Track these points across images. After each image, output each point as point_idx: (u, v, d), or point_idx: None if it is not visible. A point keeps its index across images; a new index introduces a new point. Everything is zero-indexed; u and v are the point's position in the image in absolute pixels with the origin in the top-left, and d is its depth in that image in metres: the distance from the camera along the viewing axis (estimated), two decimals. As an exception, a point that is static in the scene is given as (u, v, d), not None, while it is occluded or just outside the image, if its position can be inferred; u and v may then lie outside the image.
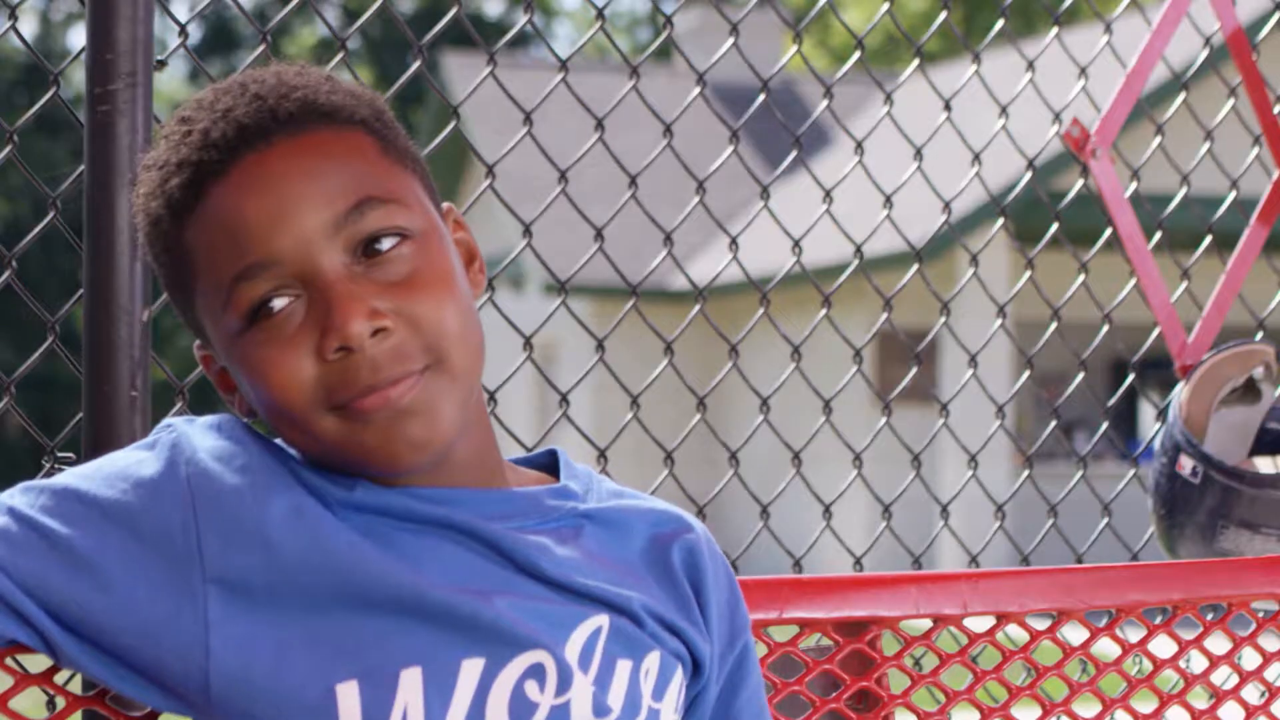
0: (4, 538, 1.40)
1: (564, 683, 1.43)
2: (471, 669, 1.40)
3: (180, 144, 1.45)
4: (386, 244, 1.43)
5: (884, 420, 2.91)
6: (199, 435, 1.46)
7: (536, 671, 1.42)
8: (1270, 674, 2.28)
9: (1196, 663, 2.28)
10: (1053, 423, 3.05)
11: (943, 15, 2.90)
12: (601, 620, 1.47)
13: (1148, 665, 2.22)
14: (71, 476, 1.44)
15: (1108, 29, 3.05)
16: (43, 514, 1.41)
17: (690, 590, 1.56)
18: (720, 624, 1.58)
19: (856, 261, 2.87)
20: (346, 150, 1.44)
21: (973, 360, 2.98)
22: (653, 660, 1.50)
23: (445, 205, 1.53)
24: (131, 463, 1.44)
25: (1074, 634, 2.11)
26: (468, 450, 1.48)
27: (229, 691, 1.40)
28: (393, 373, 1.41)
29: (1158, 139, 3.10)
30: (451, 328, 1.44)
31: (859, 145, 2.84)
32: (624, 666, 1.48)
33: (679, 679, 1.52)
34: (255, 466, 1.44)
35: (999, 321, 3.04)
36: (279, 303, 1.41)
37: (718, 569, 1.59)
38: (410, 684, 1.39)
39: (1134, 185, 2.96)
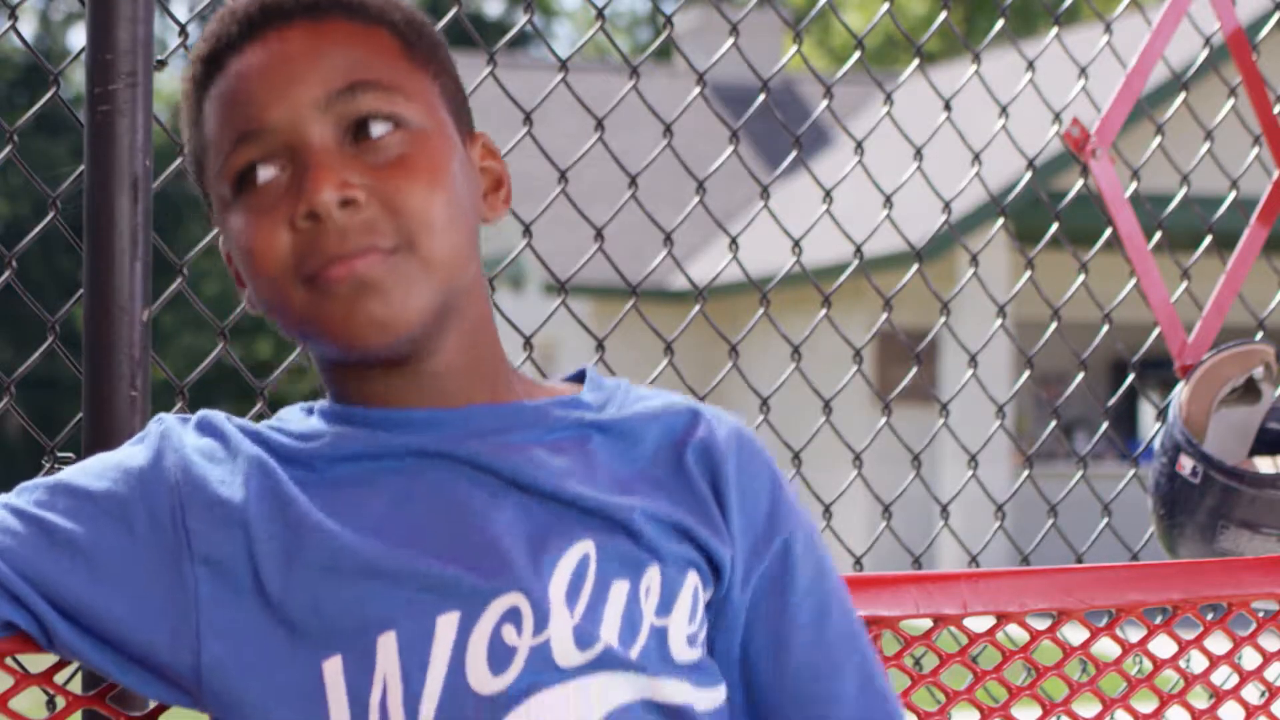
0: (2, 530, 1.43)
1: (541, 621, 1.41)
2: (447, 624, 1.40)
3: (214, 21, 1.50)
4: (378, 129, 1.45)
5: (884, 420, 2.91)
6: (184, 429, 1.48)
7: (513, 615, 1.41)
8: (1270, 674, 2.28)
9: (1196, 663, 2.27)
10: (1053, 423, 3.05)
11: (943, 15, 2.90)
12: (587, 546, 1.44)
13: (1148, 665, 2.22)
14: (66, 473, 1.47)
15: (1108, 29, 3.05)
16: (37, 508, 1.44)
17: (708, 489, 1.51)
18: (745, 522, 1.52)
19: (856, 261, 2.87)
20: (362, 41, 1.47)
21: (973, 360, 2.98)
22: (653, 576, 1.46)
23: (479, 132, 1.55)
24: (122, 456, 1.47)
25: (1074, 634, 2.11)
26: (458, 361, 1.48)
27: (220, 676, 1.41)
28: (358, 243, 1.42)
29: (1158, 139, 3.10)
30: (431, 217, 1.44)
31: (859, 145, 2.84)
32: (620, 588, 1.44)
33: (691, 589, 1.47)
34: (234, 455, 1.46)
35: (999, 321, 3.04)
36: (264, 172, 1.44)
37: (746, 464, 1.53)
38: (386, 650, 1.39)
39: (1134, 185, 2.96)
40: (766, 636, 1.52)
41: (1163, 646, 2.26)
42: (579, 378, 1.57)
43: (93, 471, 1.46)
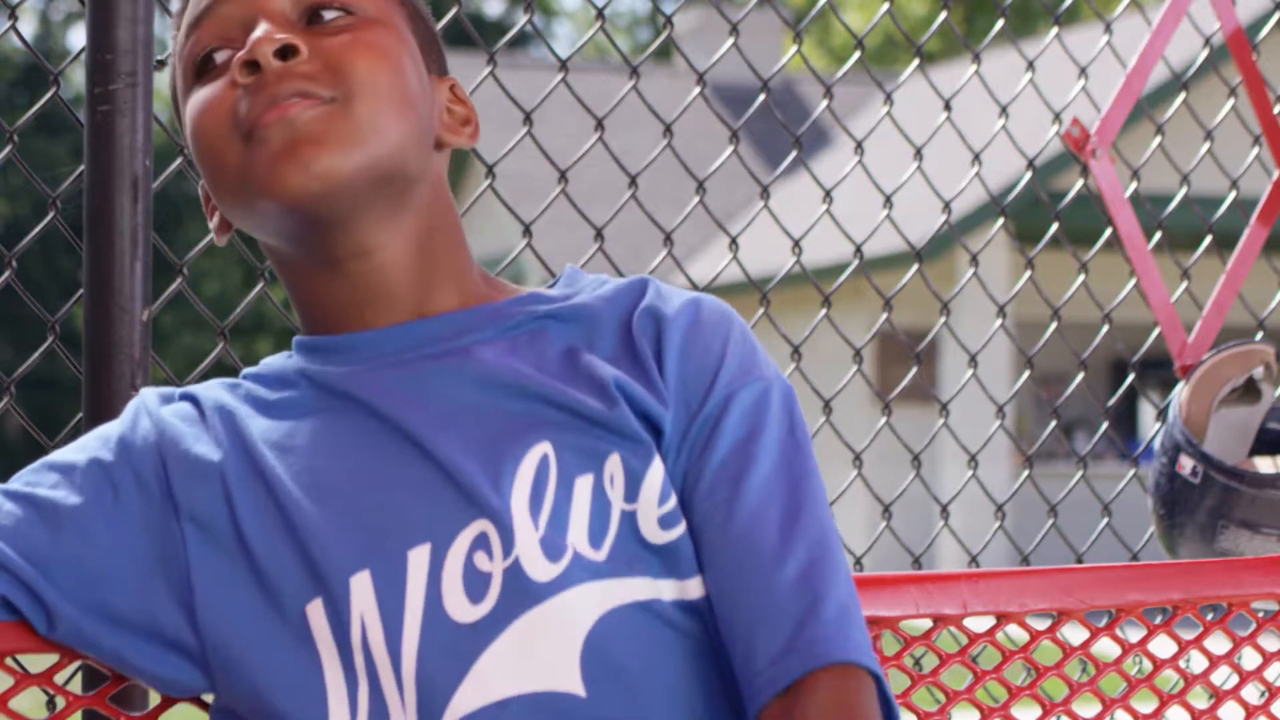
0: None
1: (507, 542, 1.39)
2: (419, 558, 1.39)
3: None
4: (330, 14, 1.46)
5: (884, 420, 2.91)
6: (157, 396, 1.50)
7: (482, 541, 1.39)
8: (1270, 674, 2.28)
9: (1196, 663, 2.27)
10: (1053, 423, 3.05)
11: (943, 15, 2.90)
12: (544, 447, 1.42)
13: (1148, 665, 2.22)
14: (50, 455, 1.49)
15: (1108, 29, 3.05)
16: (26, 487, 1.46)
17: (649, 350, 1.47)
18: (681, 384, 1.46)
19: (856, 261, 2.87)
20: None
21: (973, 360, 2.98)
22: (614, 463, 1.42)
23: (449, 78, 1.55)
24: (101, 429, 1.50)
25: (1074, 634, 2.11)
26: (407, 262, 1.47)
27: (216, 629, 1.42)
28: (296, 86, 1.42)
29: (1158, 139, 3.10)
30: (373, 83, 1.44)
31: (859, 145, 2.84)
32: (584, 483, 1.42)
33: (657, 470, 1.43)
34: (207, 413, 1.47)
35: (999, 321, 3.04)
36: (220, 55, 1.46)
37: (695, 326, 1.48)
38: (361, 590, 1.39)
39: (1134, 185, 2.96)
40: (690, 501, 1.44)
41: (1163, 646, 2.26)
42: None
43: (75, 447, 1.48)
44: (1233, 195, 3.17)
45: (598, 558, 1.40)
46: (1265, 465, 2.57)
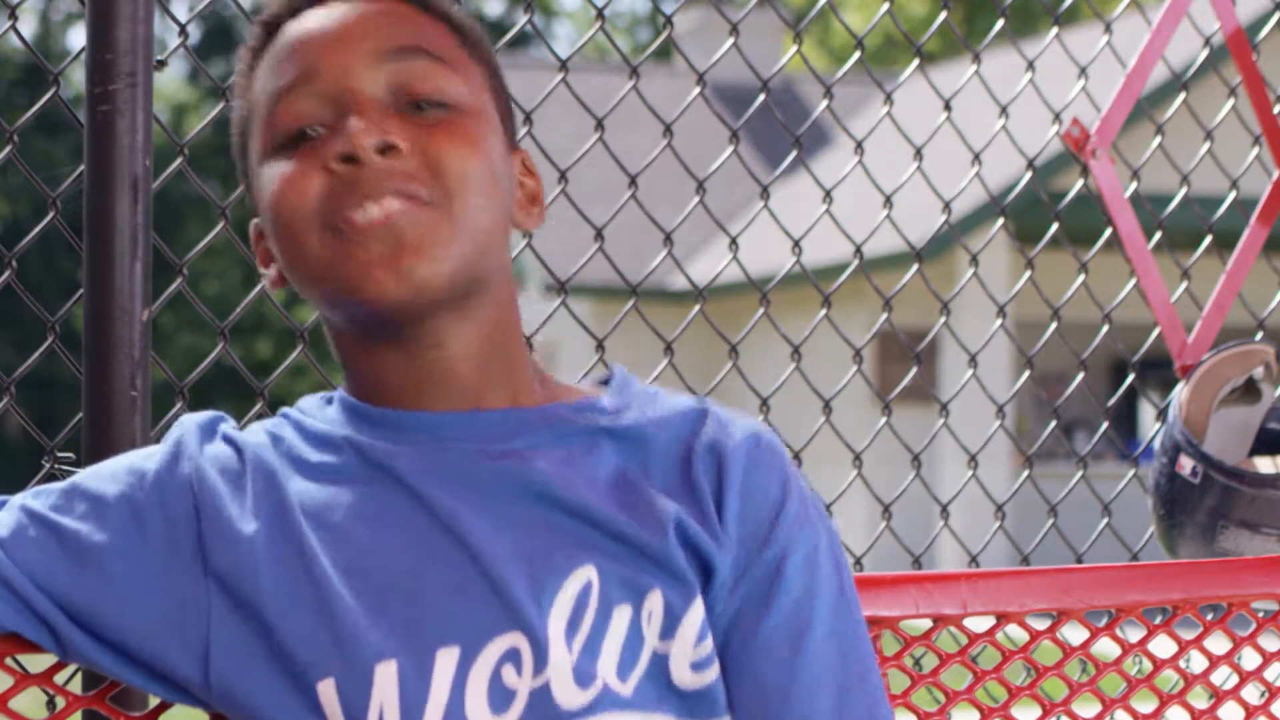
0: (15, 534, 1.42)
1: (540, 661, 1.39)
2: (447, 659, 1.38)
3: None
4: (426, 97, 1.44)
5: (884, 420, 2.91)
6: (201, 436, 1.47)
7: (512, 655, 1.39)
8: (1270, 674, 2.28)
9: (1196, 663, 2.27)
10: (1053, 423, 3.05)
11: (943, 15, 2.90)
12: (589, 572, 1.41)
13: (1148, 665, 2.22)
14: (81, 476, 1.46)
15: (1108, 29, 3.05)
16: (52, 512, 1.43)
17: (709, 488, 1.46)
18: (741, 528, 1.46)
19: (856, 261, 2.87)
20: (419, 20, 1.48)
21: (973, 360, 2.98)
22: (655, 600, 1.42)
23: (521, 150, 1.55)
24: (137, 460, 1.46)
25: (1074, 634, 2.11)
26: (473, 355, 1.46)
27: (228, 684, 1.41)
28: (396, 185, 1.41)
29: (1158, 139, 3.10)
30: (469, 181, 1.43)
31: (859, 145, 2.84)
32: (622, 614, 1.41)
33: (698, 611, 1.43)
34: (248, 469, 1.45)
35: (999, 321, 3.04)
36: (311, 131, 1.43)
37: (755, 467, 1.48)
38: (385, 679, 1.38)
39: (1134, 185, 2.96)
40: (739, 649, 1.46)
41: (1163, 646, 2.26)
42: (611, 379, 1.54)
43: (107, 475, 1.45)
44: (1233, 195, 3.17)
45: (624, 691, 1.41)
46: (1265, 465, 2.57)
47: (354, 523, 1.42)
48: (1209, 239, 3.17)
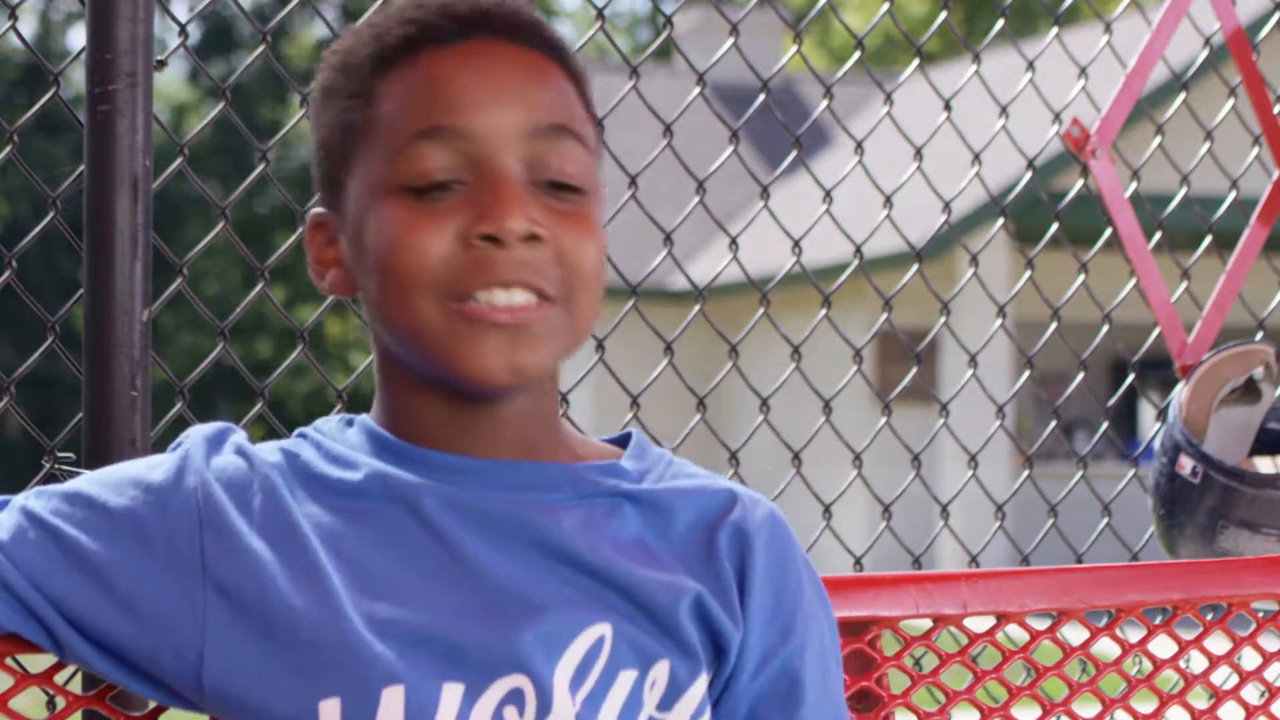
0: (16, 536, 1.42)
1: (543, 708, 1.39)
2: (452, 693, 1.38)
3: (413, 7, 1.45)
4: (566, 180, 1.43)
5: (884, 420, 2.91)
6: (209, 449, 1.45)
7: (515, 696, 1.39)
8: (1270, 674, 2.28)
9: (1196, 663, 2.27)
10: (1053, 423, 3.05)
11: (943, 15, 2.90)
12: (603, 629, 1.42)
13: (1148, 665, 2.22)
14: (85, 481, 1.45)
15: (1108, 29, 3.05)
16: (54, 516, 1.43)
17: (733, 572, 1.48)
18: (764, 615, 1.49)
19: (856, 261, 2.87)
20: (565, 88, 1.46)
21: (973, 360, 2.98)
22: (661, 670, 1.44)
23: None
24: (143, 470, 1.45)
25: (1074, 634, 2.11)
26: (525, 413, 1.46)
27: (220, 693, 1.41)
28: (528, 277, 1.39)
29: (1158, 139, 3.10)
30: (591, 279, 1.43)
31: (859, 145, 2.84)
32: (626, 678, 1.43)
33: (700, 687, 1.46)
34: (256, 484, 1.43)
35: (999, 321, 3.04)
36: (443, 174, 1.40)
37: (778, 556, 1.51)
38: (391, 705, 1.37)
39: (1134, 185, 2.96)
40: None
41: (1163, 646, 2.26)
42: (624, 440, 1.55)
43: (111, 484, 1.44)
44: (1233, 195, 3.17)
45: None
46: (1265, 465, 2.57)
47: (370, 549, 1.41)
48: (1209, 239, 3.17)
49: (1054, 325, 3.06)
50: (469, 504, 1.43)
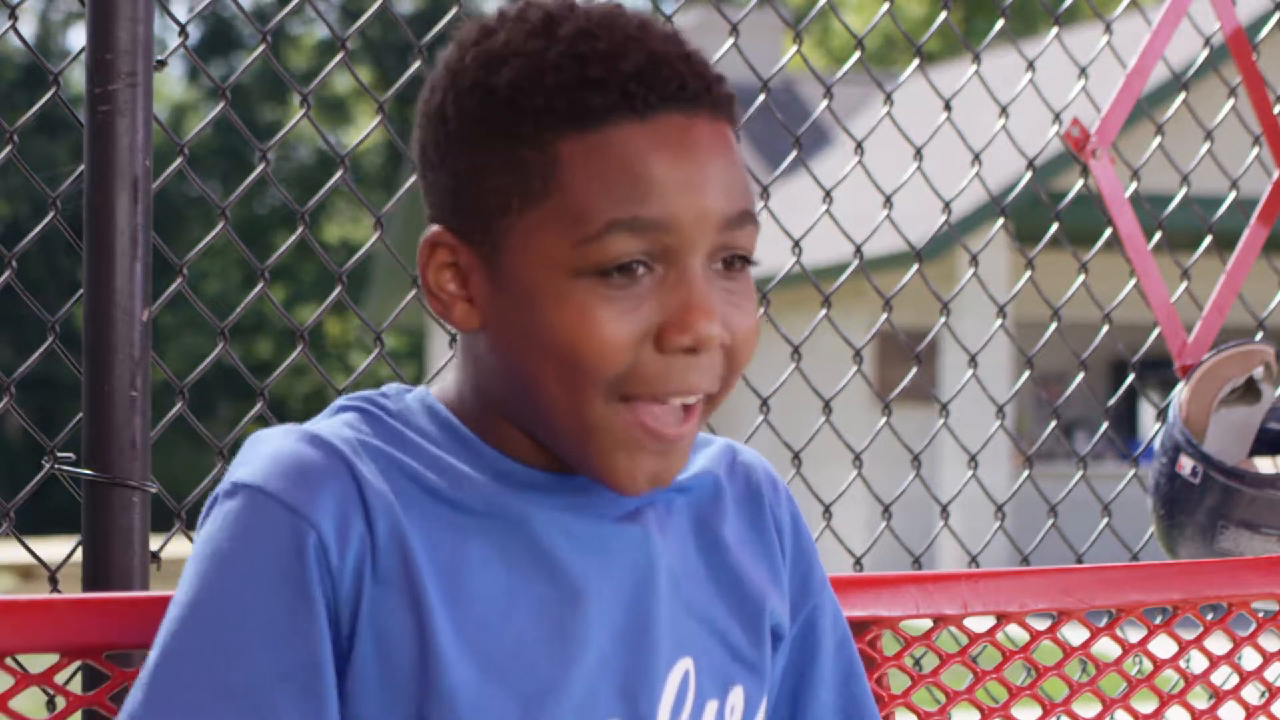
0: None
1: None
2: None
3: (598, 62, 1.34)
4: (742, 268, 1.38)
5: (884, 420, 2.91)
6: (334, 534, 1.32)
7: None
8: (1270, 674, 2.28)
9: (1196, 663, 2.28)
10: (1053, 423, 3.05)
11: (943, 15, 2.90)
12: (687, 664, 1.41)
13: (1148, 665, 2.22)
14: (262, 680, 1.30)
15: (1108, 29, 3.05)
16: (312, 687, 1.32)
17: (777, 546, 1.49)
18: (794, 579, 1.50)
19: (856, 261, 2.87)
20: (743, 163, 1.40)
21: (973, 360, 2.98)
22: (737, 696, 1.44)
23: None
24: (267, 608, 1.31)
25: (1074, 634, 2.11)
26: None
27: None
28: (700, 385, 1.34)
29: (1158, 139, 3.10)
30: (742, 365, 1.38)
31: (859, 145, 2.84)
32: (711, 709, 1.42)
33: (766, 702, 1.47)
34: (370, 513, 1.33)
35: (999, 321, 3.04)
36: (640, 270, 1.33)
37: (796, 516, 1.52)
38: None
39: (1134, 185, 2.96)
40: (792, 694, 1.51)
41: (1163, 646, 2.26)
42: None
43: (273, 657, 1.30)
44: (1233, 195, 3.17)
45: None
46: (1265, 465, 2.57)
47: (478, 586, 1.35)
48: (1209, 239, 3.17)
49: (1054, 325, 3.06)
50: (569, 524, 1.38)
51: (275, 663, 1.29)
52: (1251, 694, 2.26)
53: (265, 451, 1.35)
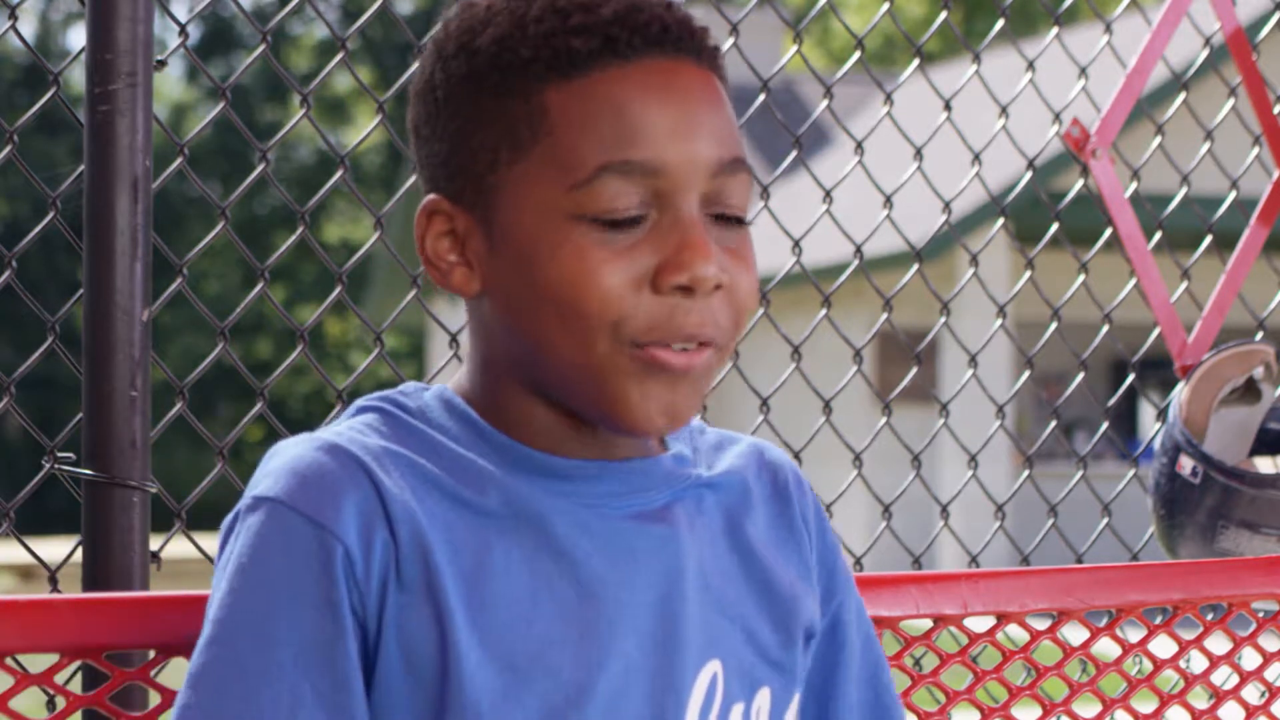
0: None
1: None
2: None
3: (580, 8, 1.35)
4: (735, 215, 1.37)
5: (884, 420, 2.91)
6: (357, 539, 1.31)
7: None
8: (1270, 674, 2.28)
9: (1196, 663, 2.28)
10: (1053, 423, 3.05)
11: (943, 15, 2.90)
12: (715, 666, 1.39)
13: (1148, 665, 2.22)
14: (308, 679, 1.30)
15: (1108, 29, 3.05)
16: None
17: (805, 538, 1.49)
18: (823, 573, 1.51)
19: (856, 261, 2.87)
20: (733, 114, 1.39)
21: (973, 360, 2.98)
22: (764, 698, 1.42)
23: None
24: (296, 626, 1.30)
25: (1074, 634, 2.11)
26: None
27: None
28: (708, 332, 1.34)
29: (1158, 139, 3.10)
30: (745, 317, 1.38)
31: (859, 145, 2.84)
32: (737, 711, 1.41)
33: (796, 704, 1.46)
34: (390, 518, 1.32)
35: (999, 321, 3.04)
36: (631, 210, 1.32)
37: (820, 510, 1.53)
38: None
39: (1134, 185, 2.96)
40: (820, 691, 1.51)
41: (1163, 646, 2.26)
42: None
43: (319, 652, 1.30)
44: (1233, 195, 3.17)
45: None
46: (1265, 465, 2.57)
47: (501, 587, 1.33)
48: (1209, 239, 3.17)
49: (1054, 325, 3.06)
50: (590, 522, 1.36)
51: (305, 680, 1.28)
52: (1251, 694, 2.26)
53: (284, 463, 1.33)
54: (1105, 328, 3.07)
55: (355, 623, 1.30)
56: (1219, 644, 2.24)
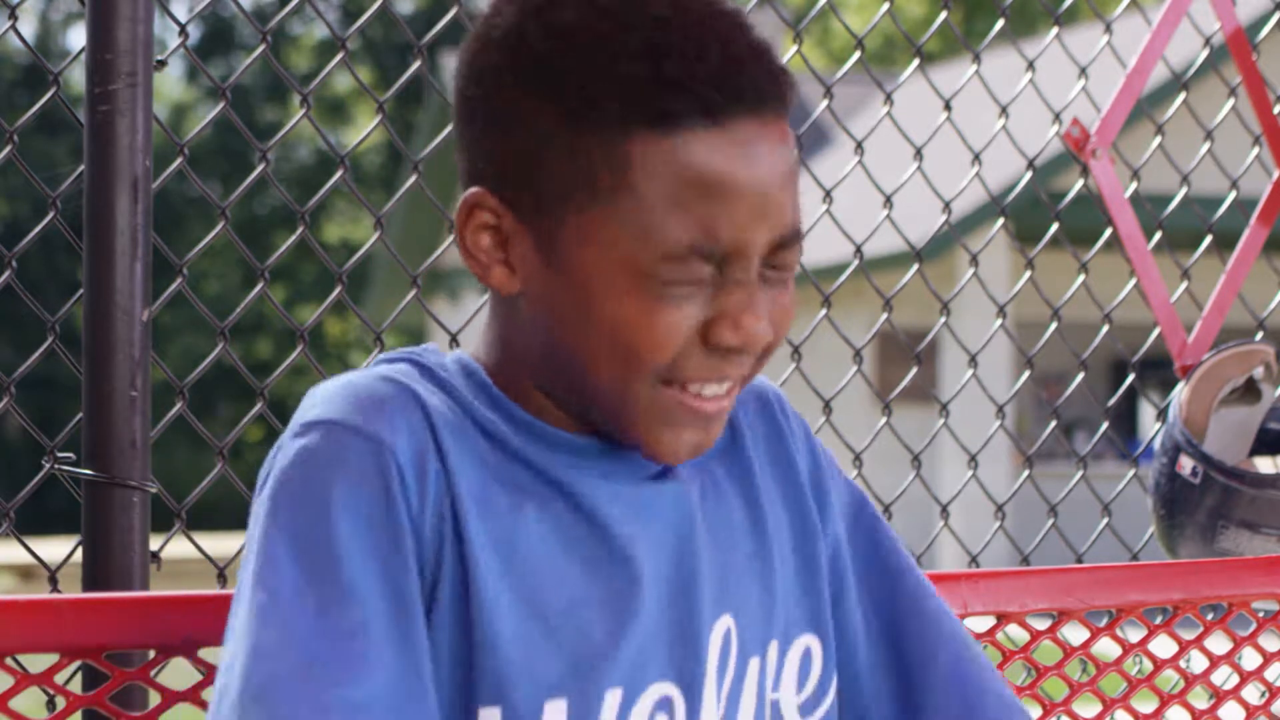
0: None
1: (693, 713, 1.37)
2: (612, 699, 1.34)
3: (677, 59, 1.31)
4: (787, 277, 1.38)
5: (884, 420, 2.91)
6: (388, 439, 1.30)
7: (664, 704, 1.37)
8: (1270, 674, 2.28)
9: (1196, 663, 2.28)
10: (1053, 423, 3.05)
11: (943, 15, 2.90)
12: (728, 622, 1.41)
13: (1148, 665, 2.22)
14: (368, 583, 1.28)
15: (1108, 29, 3.05)
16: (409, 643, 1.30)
17: (807, 478, 1.51)
18: (842, 504, 1.52)
19: (856, 261, 2.86)
20: (798, 174, 1.40)
21: (973, 360, 2.98)
22: (774, 650, 1.44)
23: None
24: (355, 544, 1.28)
25: (1074, 634, 2.11)
26: None
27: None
28: (742, 375, 1.37)
29: (1158, 139, 3.10)
30: (774, 351, 1.39)
31: (859, 145, 2.84)
32: (754, 666, 1.42)
33: (800, 652, 1.46)
34: (432, 472, 1.32)
35: (999, 321, 3.04)
36: (700, 266, 1.32)
37: (816, 440, 1.54)
38: (554, 717, 1.32)
39: (1134, 185, 2.96)
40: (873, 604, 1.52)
41: (1163, 646, 2.26)
42: None
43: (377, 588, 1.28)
44: (1233, 195, 3.17)
45: None
46: (1265, 465, 2.57)
47: (533, 544, 1.35)
48: (1209, 239, 3.17)
49: (1054, 325, 3.06)
50: (612, 487, 1.38)
51: (369, 599, 1.27)
52: (1251, 694, 2.26)
53: (336, 389, 1.33)
54: (1105, 328, 3.07)
55: (414, 540, 1.30)
56: (1219, 644, 2.24)
